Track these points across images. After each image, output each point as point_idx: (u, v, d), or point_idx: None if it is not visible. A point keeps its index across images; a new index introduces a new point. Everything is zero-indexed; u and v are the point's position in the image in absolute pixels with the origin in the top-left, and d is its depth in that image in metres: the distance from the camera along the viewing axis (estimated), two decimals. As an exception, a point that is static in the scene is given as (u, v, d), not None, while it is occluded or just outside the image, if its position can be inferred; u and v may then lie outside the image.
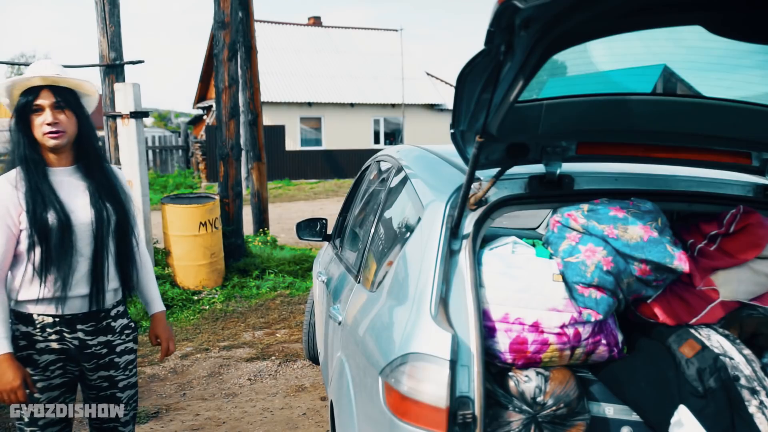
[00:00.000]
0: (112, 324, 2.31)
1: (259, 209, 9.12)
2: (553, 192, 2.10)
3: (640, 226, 1.99)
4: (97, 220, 2.20)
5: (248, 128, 9.20)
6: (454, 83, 1.61)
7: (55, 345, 2.19)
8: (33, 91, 2.13)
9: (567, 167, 2.11)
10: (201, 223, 6.63)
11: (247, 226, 8.40)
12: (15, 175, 2.16)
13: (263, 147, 9.19)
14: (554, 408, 1.90)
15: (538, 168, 2.08)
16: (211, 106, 22.53)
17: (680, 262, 1.96)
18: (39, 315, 2.16)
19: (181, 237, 6.60)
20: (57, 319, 2.18)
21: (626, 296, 2.05)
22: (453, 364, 1.70)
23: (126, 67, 6.44)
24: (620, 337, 2.07)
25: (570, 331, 1.95)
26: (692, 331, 2.03)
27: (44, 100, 2.13)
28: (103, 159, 2.33)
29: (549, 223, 2.17)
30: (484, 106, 1.65)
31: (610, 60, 1.87)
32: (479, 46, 1.46)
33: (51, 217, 2.12)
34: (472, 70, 1.55)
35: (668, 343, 2.00)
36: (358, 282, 2.58)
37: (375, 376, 1.90)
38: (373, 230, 2.72)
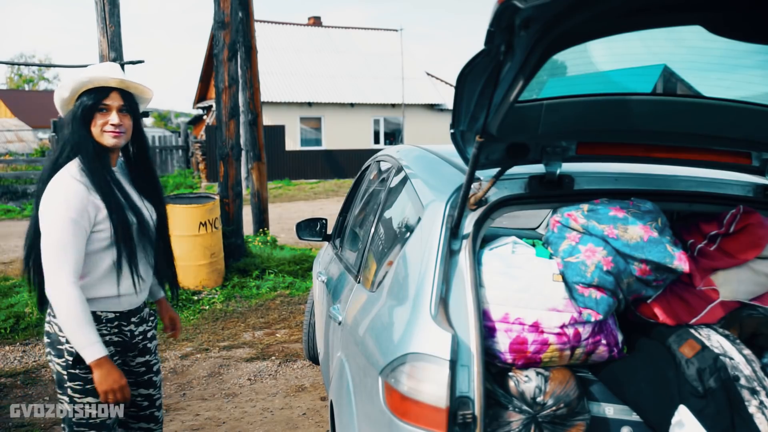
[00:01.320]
0: (144, 314, 2.44)
1: (259, 209, 9.11)
2: (553, 192, 2.10)
3: (640, 226, 1.99)
4: (148, 217, 2.34)
5: (248, 128, 9.19)
6: (454, 83, 1.61)
7: (115, 338, 2.28)
8: (102, 91, 2.19)
9: (567, 167, 2.11)
10: (201, 223, 6.63)
11: (247, 226, 8.39)
12: (77, 170, 2.16)
13: (263, 147, 9.17)
14: (554, 408, 1.90)
15: (538, 168, 2.08)
16: (211, 106, 22.53)
17: (680, 262, 1.96)
18: (102, 312, 2.24)
19: (181, 237, 6.59)
20: (117, 314, 2.27)
21: (626, 296, 2.05)
22: (453, 364, 1.70)
23: (126, 67, 6.44)
24: (620, 337, 2.06)
25: (570, 331, 1.95)
26: (692, 331, 2.03)
27: (113, 101, 2.20)
28: (152, 161, 2.46)
29: (549, 223, 2.17)
30: (484, 106, 1.65)
31: (610, 60, 1.87)
32: (479, 46, 1.46)
33: (131, 217, 2.23)
34: (472, 70, 1.55)
35: (668, 343, 2.00)
36: (358, 282, 2.58)
37: (375, 376, 1.90)
38: (373, 230, 2.72)
